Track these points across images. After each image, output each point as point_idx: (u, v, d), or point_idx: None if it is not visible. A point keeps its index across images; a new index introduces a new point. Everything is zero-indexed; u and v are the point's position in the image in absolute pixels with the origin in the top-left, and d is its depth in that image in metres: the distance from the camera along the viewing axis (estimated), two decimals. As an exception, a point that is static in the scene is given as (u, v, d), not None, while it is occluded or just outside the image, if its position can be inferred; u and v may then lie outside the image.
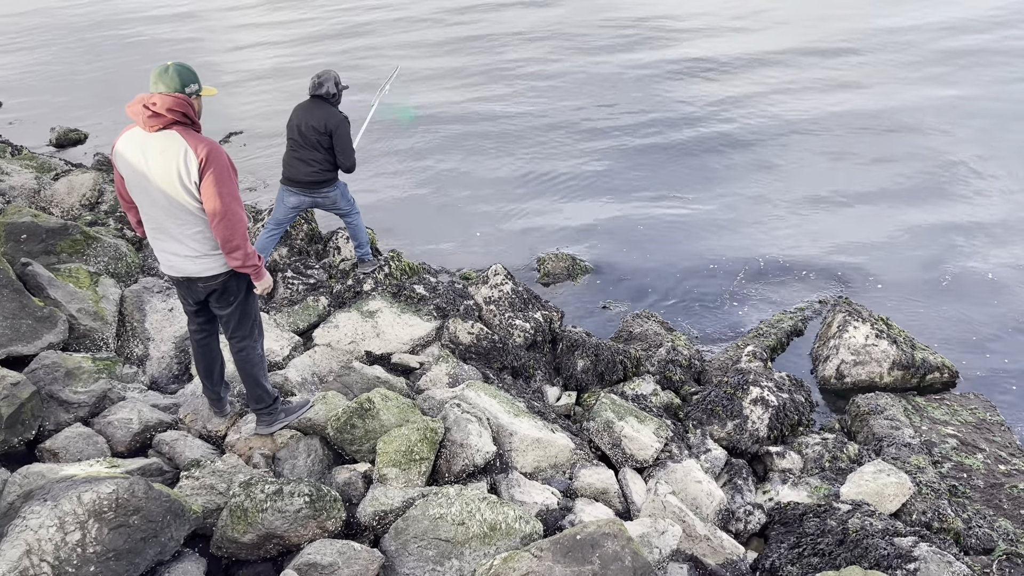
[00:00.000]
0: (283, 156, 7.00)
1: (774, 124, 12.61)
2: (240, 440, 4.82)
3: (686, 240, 9.38)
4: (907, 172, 10.64)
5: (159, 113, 3.87)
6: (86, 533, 3.40)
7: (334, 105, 6.90)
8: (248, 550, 3.94)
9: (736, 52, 16.39)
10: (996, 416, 6.21)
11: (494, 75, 16.11)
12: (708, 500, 5.05)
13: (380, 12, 22.90)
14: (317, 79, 6.88)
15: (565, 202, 10.52)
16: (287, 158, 6.93)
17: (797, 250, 9.01)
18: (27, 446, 4.58)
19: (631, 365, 6.71)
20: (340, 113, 6.83)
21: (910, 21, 17.39)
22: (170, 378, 5.90)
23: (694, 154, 11.72)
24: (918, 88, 13.59)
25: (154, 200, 4.04)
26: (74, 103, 16.06)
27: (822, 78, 14.49)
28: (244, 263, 4.14)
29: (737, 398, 6.09)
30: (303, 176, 6.83)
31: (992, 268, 8.40)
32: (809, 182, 10.57)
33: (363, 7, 23.69)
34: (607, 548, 3.69)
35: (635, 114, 13.44)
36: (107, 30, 23.70)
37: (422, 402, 5.42)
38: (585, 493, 4.98)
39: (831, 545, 4.54)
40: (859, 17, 18.08)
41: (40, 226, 6.55)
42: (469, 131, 13.23)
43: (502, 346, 6.66)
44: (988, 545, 4.95)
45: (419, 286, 7.12)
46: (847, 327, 6.99)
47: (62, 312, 5.65)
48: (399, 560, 4.02)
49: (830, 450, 5.72)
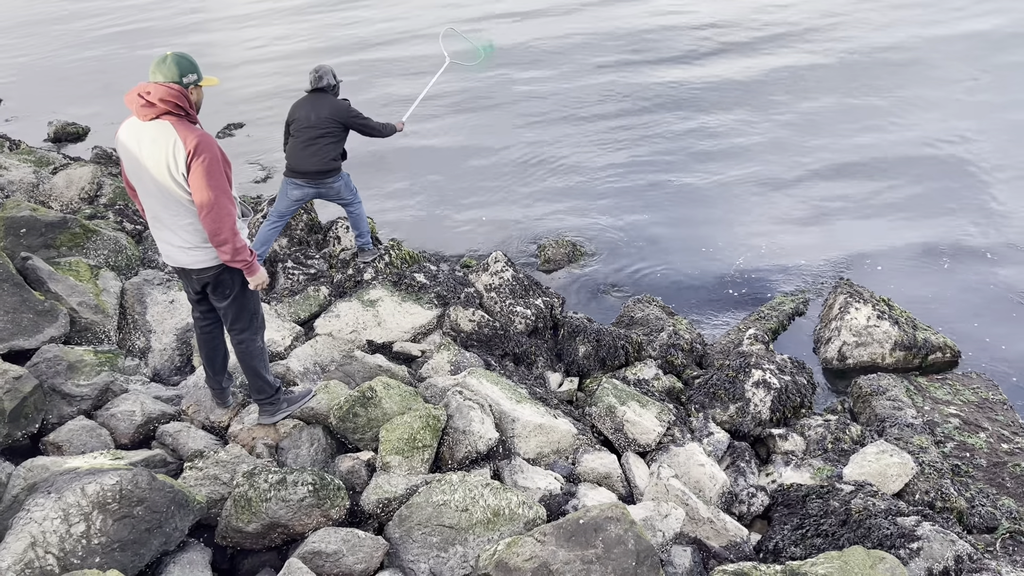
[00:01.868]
0: (287, 148, 7.03)
1: (774, 106, 12.55)
2: (243, 430, 4.83)
3: (686, 225, 9.36)
4: (909, 153, 10.59)
5: (152, 103, 3.85)
6: (91, 525, 3.41)
7: (335, 96, 7.01)
8: (253, 539, 3.95)
9: (733, 38, 16.30)
10: (998, 395, 6.21)
11: (500, 56, 16.04)
12: (711, 483, 5.06)
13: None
14: (316, 73, 6.96)
15: (565, 188, 10.49)
16: (293, 150, 6.95)
17: (798, 233, 8.99)
18: (31, 439, 4.59)
19: (633, 350, 6.71)
20: (345, 101, 6.96)
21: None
22: (172, 370, 5.90)
23: (693, 138, 11.68)
24: (923, 71, 13.52)
25: (148, 190, 4.04)
26: (73, 96, 16.03)
27: (811, 62, 14.42)
28: (234, 257, 4.11)
29: (739, 381, 6.09)
30: (311, 167, 6.88)
31: (991, 247, 8.38)
32: (810, 165, 10.53)
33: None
34: (610, 532, 3.70)
35: (634, 100, 13.38)
36: (105, 19, 23.62)
37: (424, 390, 5.43)
38: (588, 478, 4.99)
39: (834, 526, 4.55)
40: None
41: (39, 220, 6.54)
42: (467, 118, 13.20)
43: (503, 333, 6.65)
44: (991, 524, 4.95)
45: (420, 274, 7.11)
46: (849, 308, 6.98)
47: (63, 306, 5.65)
48: (403, 547, 4.04)
49: (833, 431, 5.72)
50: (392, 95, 14.21)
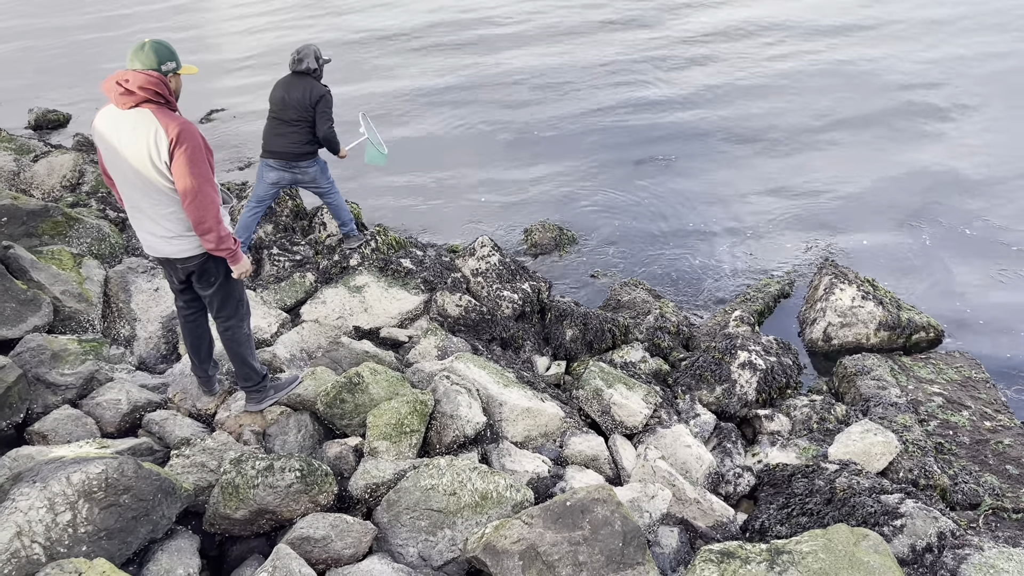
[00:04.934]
0: (263, 129, 6.98)
1: (755, 87, 12.57)
2: (230, 418, 4.82)
3: (672, 207, 9.37)
4: (889, 132, 10.64)
5: (131, 91, 3.80)
6: (77, 513, 3.40)
7: (316, 79, 6.90)
8: (241, 526, 3.95)
9: (720, 26, 16.27)
10: (981, 373, 6.27)
11: (479, 43, 15.96)
12: (698, 464, 5.10)
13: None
14: (297, 54, 6.86)
15: (551, 172, 10.47)
16: (267, 130, 6.92)
17: (782, 214, 9.02)
18: (16, 429, 4.57)
19: (620, 333, 6.73)
20: (323, 86, 6.84)
21: None
22: (158, 358, 5.88)
23: (678, 122, 11.67)
24: (905, 44, 13.55)
25: (128, 179, 3.99)
26: (54, 83, 15.84)
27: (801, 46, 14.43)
28: (218, 246, 4.07)
29: (725, 363, 6.12)
30: (282, 147, 6.82)
31: (971, 224, 8.45)
32: (791, 145, 10.56)
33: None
34: (597, 513, 3.72)
35: (620, 86, 13.35)
36: (89, 7, 23.31)
37: (411, 375, 5.43)
38: (575, 460, 5.02)
39: (819, 504, 4.60)
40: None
41: (21, 208, 6.48)
42: (453, 104, 13.13)
43: (491, 317, 6.66)
44: (974, 500, 5.01)
45: (406, 260, 7.10)
46: (834, 289, 7.02)
47: (46, 295, 5.60)
48: (392, 531, 4.05)
49: (818, 412, 5.77)
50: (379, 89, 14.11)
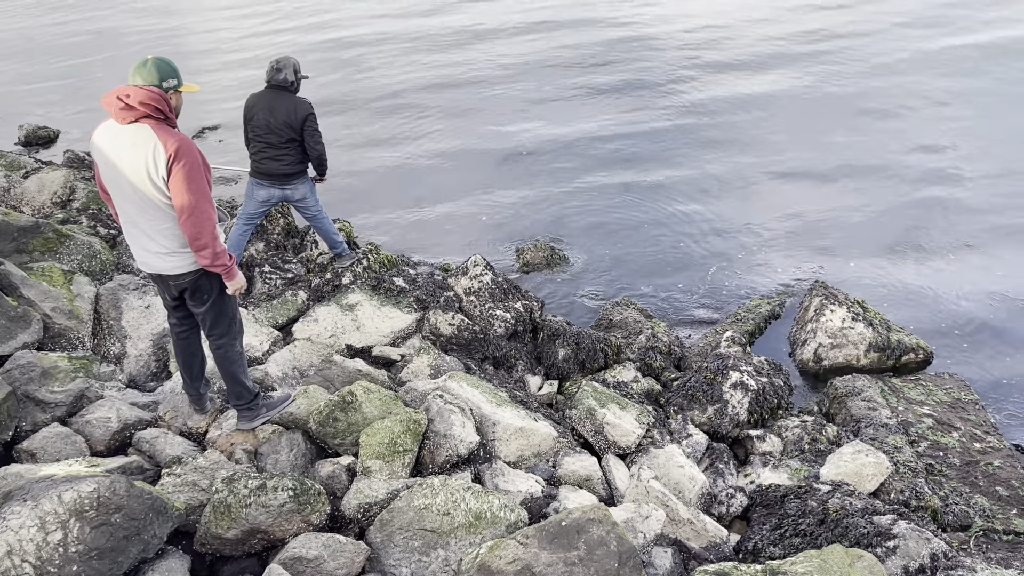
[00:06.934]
0: (250, 149, 6.75)
1: (748, 108, 12.68)
2: (221, 436, 4.79)
3: (664, 228, 9.42)
4: (878, 153, 10.76)
5: (131, 106, 3.82)
6: (68, 532, 3.36)
7: (294, 93, 6.61)
8: (232, 546, 3.92)
9: (710, 54, 16.45)
10: (970, 395, 6.31)
11: (466, 59, 16.06)
12: (690, 484, 5.10)
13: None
14: (276, 65, 6.54)
15: (543, 192, 10.51)
16: (256, 154, 6.68)
17: (773, 235, 9.08)
18: (4, 447, 4.52)
19: (612, 353, 6.74)
20: (305, 102, 6.58)
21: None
22: (148, 376, 5.84)
23: (669, 142, 11.75)
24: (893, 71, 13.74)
25: (125, 194, 3.99)
26: (43, 100, 15.79)
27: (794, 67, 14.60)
28: (213, 262, 4.07)
29: (717, 383, 6.14)
30: (276, 170, 6.68)
31: (958, 249, 8.54)
32: (784, 168, 10.65)
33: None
34: (592, 533, 3.71)
35: (611, 107, 13.44)
36: (82, 24, 23.32)
37: (404, 394, 5.41)
38: (569, 480, 5.01)
39: (812, 525, 4.60)
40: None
41: (11, 225, 6.45)
42: (442, 119, 13.18)
43: (483, 337, 6.66)
44: (965, 522, 5.04)
45: (398, 278, 7.10)
46: (824, 311, 7.07)
47: (36, 311, 5.56)
48: (385, 552, 4.02)
49: (809, 432, 5.79)
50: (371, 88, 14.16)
